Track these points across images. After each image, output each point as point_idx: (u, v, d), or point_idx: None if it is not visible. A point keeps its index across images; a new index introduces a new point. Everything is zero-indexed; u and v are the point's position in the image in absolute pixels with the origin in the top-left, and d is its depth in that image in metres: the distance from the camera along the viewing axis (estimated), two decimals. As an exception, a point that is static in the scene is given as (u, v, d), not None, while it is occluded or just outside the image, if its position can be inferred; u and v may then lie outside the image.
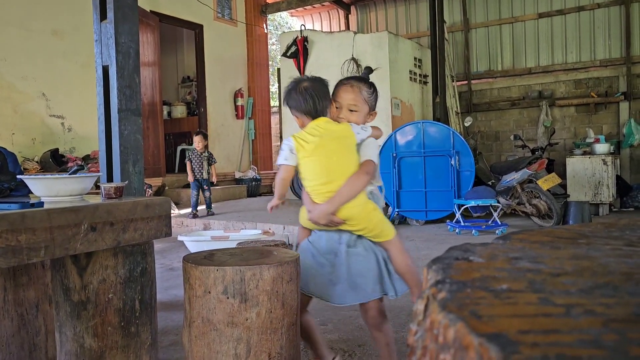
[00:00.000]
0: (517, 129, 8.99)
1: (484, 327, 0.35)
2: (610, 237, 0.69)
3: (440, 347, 0.37)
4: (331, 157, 1.84)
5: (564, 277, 0.48)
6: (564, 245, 0.64)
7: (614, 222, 0.81)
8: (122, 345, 1.56)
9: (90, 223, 1.38)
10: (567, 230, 0.74)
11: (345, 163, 1.85)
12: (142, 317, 1.61)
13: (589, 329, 0.34)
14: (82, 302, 1.53)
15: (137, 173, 2.00)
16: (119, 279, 1.56)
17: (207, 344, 1.56)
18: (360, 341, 2.67)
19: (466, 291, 0.44)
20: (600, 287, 0.45)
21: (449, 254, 0.58)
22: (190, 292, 1.61)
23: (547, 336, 0.33)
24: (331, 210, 1.81)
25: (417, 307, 0.47)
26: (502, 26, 9.27)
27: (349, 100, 1.96)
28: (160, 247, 5.41)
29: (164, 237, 1.63)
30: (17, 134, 6.61)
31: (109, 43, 1.97)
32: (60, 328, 1.59)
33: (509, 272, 0.51)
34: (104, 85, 2.05)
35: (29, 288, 1.96)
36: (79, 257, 1.52)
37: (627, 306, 0.39)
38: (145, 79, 8.05)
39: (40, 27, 6.90)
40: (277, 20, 18.55)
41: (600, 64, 8.51)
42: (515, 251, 0.60)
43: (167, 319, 3.02)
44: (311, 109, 1.90)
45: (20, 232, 1.20)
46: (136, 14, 2.05)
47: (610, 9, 8.46)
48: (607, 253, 0.59)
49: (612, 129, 8.38)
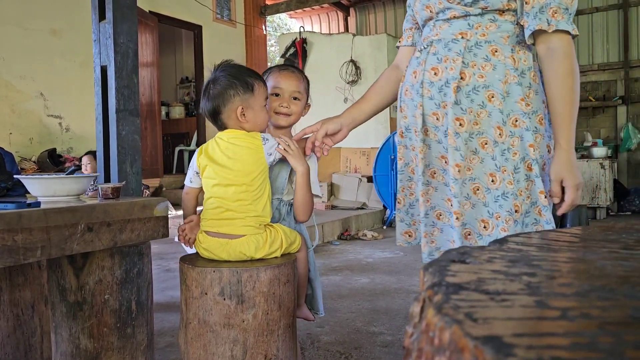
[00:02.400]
0: (515, 132, 8.98)
1: (479, 329, 0.35)
2: (607, 240, 0.69)
3: (435, 349, 0.37)
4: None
5: (560, 280, 0.48)
6: (560, 248, 0.64)
7: (610, 226, 0.81)
8: (117, 347, 1.56)
9: (87, 223, 1.37)
10: (563, 234, 0.74)
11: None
12: (138, 318, 1.61)
13: (585, 331, 0.34)
14: (78, 303, 1.53)
15: (135, 174, 2.00)
16: (116, 280, 1.55)
17: (203, 346, 1.56)
18: (357, 344, 2.67)
19: (462, 294, 0.44)
20: (597, 290, 0.45)
21: (445, 256, 0.58)
22: (187, 293, 1.61)
23: (543, 339, 0.33)
24: None
25: (413, 310, 0.46)
26: (501, 29, 9.27)
27: (293, 87, 1.81)
28: (157, 248, 5.40)
29: (161, 237, 1.63)
30: (15, 134, 6.60)
31: (107, 43, 1.96)
32: (56, 329, 1.59)
33: (505, 275, 0.51)
34: (102, 86, 2.05)
35: (24, 288, 1.96)
36: (76, 258, 1.51)
37: (623, 309, 0.39)
38: (144, 79, 8.04)
39: (39, 26, 6.89)
40: (276, 21, 18.56)
41: (599, 67, 8.52)
42: (512, 254, 0.60)
43: (163, 320, 3.02)
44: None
45: (17, 232, 1.19)
46: (135, 14, 2.05)
47: (608, 13, 8.48)
48: (604, 256, 0.59)
49: (609, 132, 8.40)
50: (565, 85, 1.46)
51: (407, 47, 1.88)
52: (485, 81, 1.50)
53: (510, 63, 1.50)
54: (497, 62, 1.50)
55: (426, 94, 1.59)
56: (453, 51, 1.54)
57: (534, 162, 1.50)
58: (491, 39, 1.52)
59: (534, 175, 1.51)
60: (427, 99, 1.59)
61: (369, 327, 2.90)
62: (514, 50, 1.52)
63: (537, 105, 1.54)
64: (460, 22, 1.55)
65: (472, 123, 1.53)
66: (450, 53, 1.55)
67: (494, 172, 1.52)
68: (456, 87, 1.51)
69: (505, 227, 1.49)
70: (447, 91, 1.54)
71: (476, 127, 1.53)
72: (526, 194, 1.52)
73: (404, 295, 3.51)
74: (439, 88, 1.56)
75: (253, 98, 1.67)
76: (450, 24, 1.57)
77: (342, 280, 4.06)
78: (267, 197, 1.68)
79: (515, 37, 1.54)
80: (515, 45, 1.53)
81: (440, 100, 1.56)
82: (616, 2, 8.38)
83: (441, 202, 1.66)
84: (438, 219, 1.67)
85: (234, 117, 1.67)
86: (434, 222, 1.68)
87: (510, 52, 1.52)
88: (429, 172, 1.66)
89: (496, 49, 1.51)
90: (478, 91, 1.51)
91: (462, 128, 1.52)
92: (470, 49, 1.52)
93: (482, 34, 1.53)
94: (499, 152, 1.52)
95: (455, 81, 1.51)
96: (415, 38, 1.85)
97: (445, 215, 1.65)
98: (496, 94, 1.50)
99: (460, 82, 1.52)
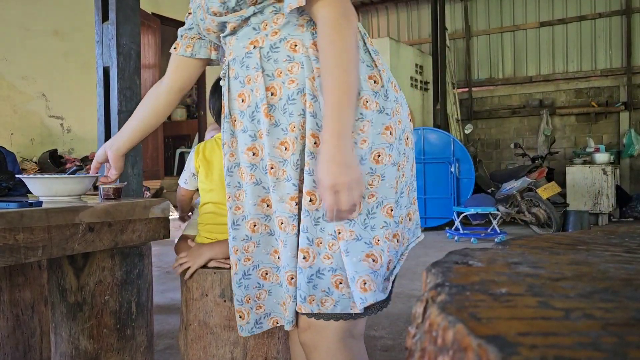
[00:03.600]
0: (517, 137, 9.00)
1: (482, 329, 0.34)
2: (609, 244, 0.69)
3: (439, 349, 0.37)
4: None
5: (563, 282, 0.48)
6: (564, 251, 0.64)
7: (613, 229, 0.80)
8: (117, 348, 1.55)
9: (88, 223, 1.37)
10: (566, 237, 0.74)
11: None
12: (138, 320, 1.60)
13: (588, 331, 0.34)
14: (78, 304, 1.53)
15: (136, 175, 2.00)
16: (116, 281, 1.55)
17: (203, 348, 1.56)
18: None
19: (465, 294, 0.43)
20: (600, 292, 0.45)
21: (448, 258, 0.58)
22: (187, 295, 1.61)
23: (546, 338, 0.33)
24: None
25: (416, 310, 0.46)
26: (504, 34, 9.29)
27: None
28: (158, 249, 5.40)
29: (161, 239, 1.63)
30: (16, 134, 6.61)
31: (110, 44, 1.97)
32: (56, 329, 1.58)
33: (509, 276, 0.50)
34: (104, 87, 2.05)
35: (24, 288, 1.96)
36: (76, 258, 1.51)
37: (626, 310, 0.39)
38: (146, 80, 8.05)
39: (41, 28, 6.91)
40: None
41: (601, 73, 8.53)
42: (515, 256, 0.60)
43: (163, 322, 3.02)
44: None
45: (18, 231, 1.19)
46: (138, 15, 2.06)
47: (611, 18, 8.49)
48: (607, 259, 0.59)
49: (612, 138, 8.40)
50: (325, 64, 1.18)
51: (183, 57, 1.55)
52: (298, 85, 1.24)
53: (312, 52, 1.22)
54: (301, 58, 1.23)
55: (239, 127, 1.34)
56: (251, 67, 1.28)
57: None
58: (285, 33, 1.24)
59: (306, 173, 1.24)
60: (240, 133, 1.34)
61: (369, 331, 2.90)
62: (315, 33, 1.23)
63: None
64: (245, 29, 1.28)
65: (290, 144, 1.25)
66: (249, 71, 1.28)
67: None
68: (267, 108, 1.25)
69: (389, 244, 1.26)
70: (260, 117, 1.28)
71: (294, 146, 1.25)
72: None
73: (405, 299, 3.51)
74: (250, 116, 1.30)
75: None
76: (237, 37, 1.31)
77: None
78: None
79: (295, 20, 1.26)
80: (316, 27, 1.23)
81: (255, 131, 1.30)
82: (619, 8, 8.39)
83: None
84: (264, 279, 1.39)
85: None
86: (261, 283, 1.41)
87: (310, 38, 1.23)
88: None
89: (295, 42, 1.23)
90: (295, 100, 1.24)
91: (288, 152, 1.25)
92: (267, 56, 1.25)
93: (273, 33, 1.25)
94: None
95: (264, 102, 1.25)
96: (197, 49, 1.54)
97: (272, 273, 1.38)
98: (307, 95, 1.22)
99: (271, 99, 1.25)
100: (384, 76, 1.27)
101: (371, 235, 1.23)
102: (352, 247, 1.21)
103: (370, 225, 1.22)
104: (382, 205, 1.23)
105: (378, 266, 1.22)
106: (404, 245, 1.34)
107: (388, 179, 1.24)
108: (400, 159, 1.28)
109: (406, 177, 1.33)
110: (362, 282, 1.20)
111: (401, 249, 1.32)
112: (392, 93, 1.29)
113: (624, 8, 8.32)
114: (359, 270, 1.21)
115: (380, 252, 1.23)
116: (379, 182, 1.23)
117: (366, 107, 1.22)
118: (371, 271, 1.21)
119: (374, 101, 1.23)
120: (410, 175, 1.37)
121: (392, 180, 1.25)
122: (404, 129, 1.30)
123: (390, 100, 1.27)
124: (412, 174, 1.37)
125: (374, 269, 1.22)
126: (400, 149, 1.28)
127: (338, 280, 1.24)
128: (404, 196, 1.31)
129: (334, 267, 1.23)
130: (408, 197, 1.35)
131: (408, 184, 1.34)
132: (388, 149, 1.24)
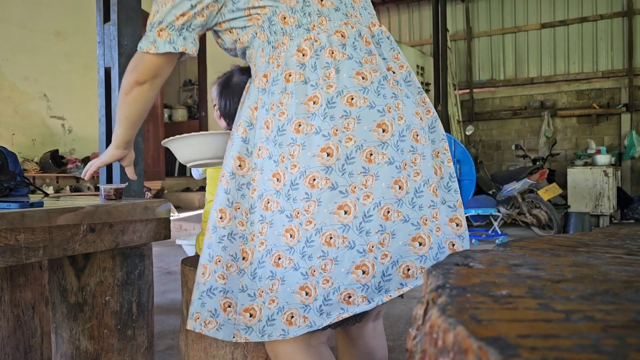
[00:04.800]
0: (518, 138, 9.00)
1: (483, 330, 0.34)
2: (610, 246, 0.69)
3: (439, 350, 0.37)
4: None
5: (564, 284, 0.48)
6: (564, 252, 0.64)
7: (614, 232, 0.80)
8: (117, 349, 1.55)
9: (90, 224, 1.37)
10: (567, 239, 0.74)
11: None
12: (138, 321, 1.60)
13: (589, 334, 0.34)
14: (79, 304, 1.53)
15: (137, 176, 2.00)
16: (117, 282, 1.55)
17: (204, 348, 1.56)
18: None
19: (466, 296, 0.43)
20: (600, 294, 0.45)
21: (449, 259, 0.58)
22: (188, 296, 1.61)
23: (547, 340, 0.33)
24: None
25: (417, 312, 0.46)
26: (505, 35, 9.29)
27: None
28: (159, 250, 5.40)
29: (162, 239, 1.63)
30: (17, 135, 6.61)
31: (111, 45, 1.97)
32: (56, 330, 1.59)
33: (509, 278, 0.50)
34: (105, 87, 2.05)
35: (25, 289, 1.96)
36: (77, 259, 1.51)
37: (626, 313, 0.39)
38: (148, 82, 8.05)
39: (43, 28, 6.91)
40: (280, 26, 18.57)
41: (603, 75, 8.52)
42: (516, 258, 0.60)
43: (163, 323, 3.02)
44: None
45: (20, 232, 1.19)
46: (139, 16, 2.06)
47: (613, 20, 8.48)
48: (608, 261, 0.59)
49: (613, 140, 8.39)
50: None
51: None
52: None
53: (259, 84, 1.37)
54: (252, 88, 1.39)
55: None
56: None
57: None
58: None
59: None
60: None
61: (369, 332, 2.89)
62: (261, 66, 1.36)
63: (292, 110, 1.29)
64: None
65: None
66: None
67: (289, 225, 1.25)
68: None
69: (327, 276, 1.21)
70: None
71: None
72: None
73: (405, 301, 3.50)
74: None
75: None
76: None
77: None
78: None
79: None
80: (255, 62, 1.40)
81: None
82: (621, 10, 8.38)
83: None
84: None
85: None
86: None
87: (260, 70, 1.36)
88: None
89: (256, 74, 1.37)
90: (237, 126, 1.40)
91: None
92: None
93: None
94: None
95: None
96: None
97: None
98: (244, 122, 1.35)
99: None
100: (375, 74, 1.26)
101: (365, 240, 1.20)
102: (340, 256, 1.19)
103: (366, 230, 1.20)
104: (379, 207, 1.20)
105: (370, 278, 1.20)
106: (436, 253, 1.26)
107: (383, 178, 1.21)
108: (406, 157, 1.25)
109: (423, 175, 1.27)
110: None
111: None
112: (389, 89, 1.27)
113: (626, 10, 8.32)
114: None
115: (372, 261, 1.20)
116: (373, 182, 1.21)
117: (350, 105, 1.22)
118: (358, 284, 1.20)
119: (361, 97, 1.23)
120: (434, 173, 1.32)
121: (388, 179, 1.21)
122: (408, 125, 1.27)
123: (383, 96, 1.25)
124: (433, 172, 1.32)
125: (363, 281, 1.19)
126: (404, 147, 1.25)
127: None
128: (423, 195, 1.26)
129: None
130: (434, 194, 1.28)
131: (431, 182, 1.29)
132: (381, 147, 1.21)
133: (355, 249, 1.18)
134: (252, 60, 1.38)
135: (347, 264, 1.18)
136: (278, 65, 1.29)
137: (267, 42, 1.31)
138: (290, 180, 1.21)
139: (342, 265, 1.18)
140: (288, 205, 1.22)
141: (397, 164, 1.22)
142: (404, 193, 1.23)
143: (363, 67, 1.26)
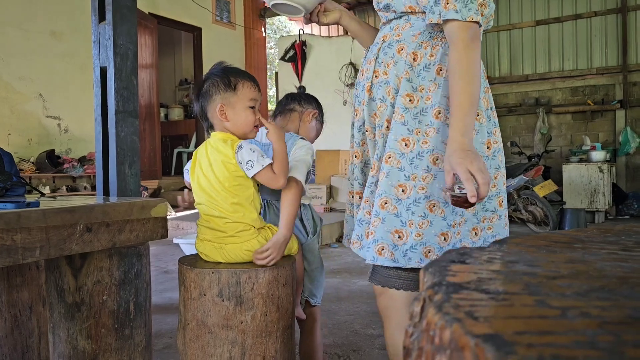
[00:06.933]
0: (513, 135, 9.02)
1: (480, 328, 0.35)
2: (606, 242, 0.69)
3: (436, 348, 0.37)
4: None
5: (560, 280, 0.48)
6: (560, 249, 0.64)
7: (610, 228, 0.81)
8: (115, 348, 1.55)
9: (86, 223, 1.37)
10: (563, 235, 0.75)
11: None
12: (136, 320, 1.60)
13: (585, 330, 0.34)
14: (76, 304, 1.52)
15: (134, 175, 1.99)
16: (114, 281, 1.55)
17: (202, 347, 1.56)
18: (355, 346, 2.66)
19: (462, 293, 0.44)
20: (596, 291, 0.45)
21: (445, 257, 0.58)
22: (185, 295, 1.61)
23: (543, 337, 0.33)
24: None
25: (414, 309, 0.47)
26: (500, 33, 9.30)
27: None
28: (156, 249, 5.40)
29: (159, 238, 1.63)
30: (14, 135, 6.59)
31: (107, 44, 1.96)
32: (54, 330, 1.58)
33: (505, 275, 0.51)
34: (101, 87, 2.05)
35: (22, 289, 1.95)
36: (74, 258, 1.51)
37: (622, 309, 0.40)
38: (143, 81, 8.04)
39: (39, 28, 6.89)
40: (275, 24, 18.57)
41: (597, 71, 8.54)
42: (512, 255, 0.60)
43: (161, 322, 3.02)
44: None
45: (16, 232, 1.19)
46: (135, 15, 2.05)
47: (607, 17, 8.50)
48: (603, 257, 0.59)
49: (608, 136, 8.41)
50: (454, 74, 1.41)
51: None
52: (388, 77, 1.57)
53: (409, 59, 1.53)
54: (399, 59, 1.56)
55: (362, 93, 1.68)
56: (372, 52, 1.66)
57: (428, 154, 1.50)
58: (402, 38, 1.57)
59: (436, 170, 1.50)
60: (355, 97, 1.74)
61: (367, 329, 2.90)
62: (421, 46, 1.53)
63: (436, 99, 1.50)
64: (386, 27, 1.66)
65: (377, 117, 1.63)
66: (370, 55, 1.67)
67: (404, 183, 1.51)
68: (369, 85, 1.62)
69: (420, 231, 1.48)
70: (363, 92, 1.66)
71: (377, 119, 1.62)
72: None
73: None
74: (362, 87, 1.67)
75: (235, 97, 1.64)
76: (382, 29, 1.69)
77: (341, 282, 4.05)
78: (249, 202, 1.64)
79: (428, 33, 1.54)
80: (424, 42, 1.54)
81: (362, 99, 1.67)
82: (615, 7, 8.40)
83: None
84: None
85: (216, 116, 1.66)
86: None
87: (414, 48, 1.54)
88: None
89: (402, 46, 1.56)
90: (381, 86, 1.60)
91: (376, 119, 1.63)
92: (384, 49, 1.60)
93: (397, 35, 1.59)
94: (407, 162, 1.51)
95: (369, 81, 1.62)
96: None
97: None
98: (391, 89, 1.56)
99: (374, 79, 1.61)
100: (490, 101, 1.61)
101: (453, 218, 1.51)
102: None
103: (456, 212, 1.50)
104: (497, 196, 1.59)
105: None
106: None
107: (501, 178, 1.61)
108: (492, 172, 1.57)
109: (497, 188, 1.60)
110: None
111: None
112: (493, 118, 1.60)
113: (620, 6, 8.34)
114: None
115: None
116: (500, 178, 1.60)
117: (478, 120, 1.52)
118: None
119: (484, 116, 1.55)
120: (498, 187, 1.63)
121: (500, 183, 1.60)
122: (496, 149, 1.59)
123: (491, 123, 1.58)
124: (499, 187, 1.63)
125: (442, 245, 1.50)
126: (494, 163, 1.57)
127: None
128: (492, 201, 1.59)
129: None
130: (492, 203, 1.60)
131: (500, 194, 1.61)
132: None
133: (446, 222, 1.49)
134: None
135: (437, 229, 1.48)
136: (431, 55, 1.53)
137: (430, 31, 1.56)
138: (418, 151, 1.49)
139: (433, 229, 1.48)
140: (410, 168, 1.49)
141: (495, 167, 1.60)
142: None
143: None
